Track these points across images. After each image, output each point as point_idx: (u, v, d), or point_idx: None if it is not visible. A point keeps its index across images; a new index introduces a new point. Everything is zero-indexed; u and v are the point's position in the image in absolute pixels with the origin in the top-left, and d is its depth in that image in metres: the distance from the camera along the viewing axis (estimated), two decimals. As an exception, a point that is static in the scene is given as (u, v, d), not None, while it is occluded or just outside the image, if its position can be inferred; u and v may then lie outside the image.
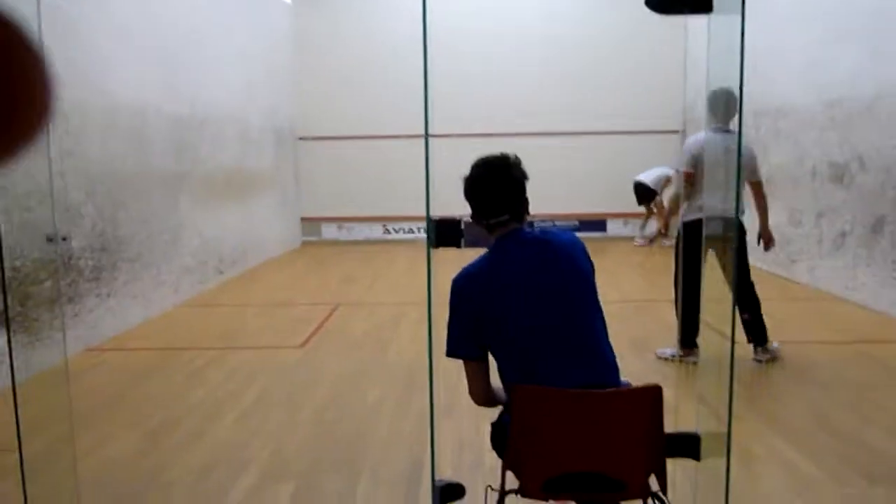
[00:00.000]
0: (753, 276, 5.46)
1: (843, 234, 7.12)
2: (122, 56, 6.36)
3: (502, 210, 2.18)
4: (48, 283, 5.00)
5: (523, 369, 2.04)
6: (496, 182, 2.20)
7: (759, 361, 5.08)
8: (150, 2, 6.97)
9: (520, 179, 2.22)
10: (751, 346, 5.09)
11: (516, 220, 2.20)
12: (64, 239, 4.93)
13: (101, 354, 5.54)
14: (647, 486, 2.05)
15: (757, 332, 5.12)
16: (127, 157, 6.35)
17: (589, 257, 2.23)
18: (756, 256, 8.91)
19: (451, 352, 2.16)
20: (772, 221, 8.81)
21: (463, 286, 2.16)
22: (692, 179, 4.97)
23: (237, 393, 4.62)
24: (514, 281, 2.09)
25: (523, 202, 2.22)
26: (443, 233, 2.47)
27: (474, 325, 2.10)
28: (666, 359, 4.99)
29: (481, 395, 2.16)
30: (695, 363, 4.69)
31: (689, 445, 2.57)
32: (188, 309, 7.22)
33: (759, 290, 6.01)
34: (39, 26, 3.14)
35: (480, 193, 2.21)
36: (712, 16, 2.46)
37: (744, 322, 5.04)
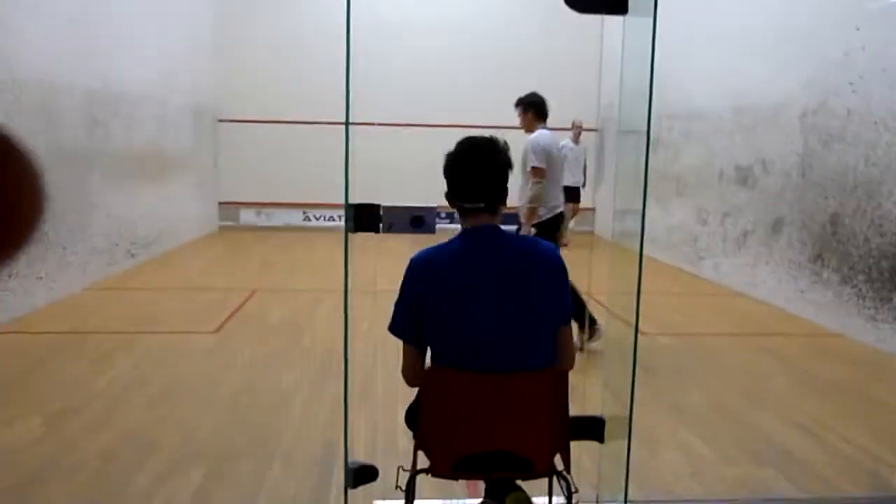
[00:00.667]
0: (663, 272, 5.69)
1: (746, 234, 7.52)
2: (30, 25, 6.05)
3: (479, 196, 2.09)
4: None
5: (452, 358, 2.05)
6: (478, 164, 2.10)
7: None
8: (62, -30, 6.65)
9: (504, 166, 2.12)
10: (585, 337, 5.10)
11: (490, 210, 2.11)
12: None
13: (1, 337, 5.29)
14: (553, 465, 2.13)
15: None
16: (34, 131, 6.05)
17: (559, 268, 2.12)
18: (668, 254, 9.32)
19: (392, 329, 2.16)
20: (681, 219, 9.22)
21: (416, 267, 2.11)
22: (543, 175, 5.13)
23: (146, 378, 4.51)
24: (468, 277, 2.04)
25: (502, 192, 2.13)
26: (361, 218, 2.49)
27: (417, 308, 2.08)
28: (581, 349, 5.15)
29: (412, 375, 2.16)
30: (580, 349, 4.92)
31: (593, 428, 2.69)
32: (97, 292, 6.95)
33: (668, 285, 6.30)
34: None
35: (460, 173, 2.12)
36: (627, 17, 2.57)
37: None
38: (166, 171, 9.50)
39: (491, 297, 2.02)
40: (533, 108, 5.36)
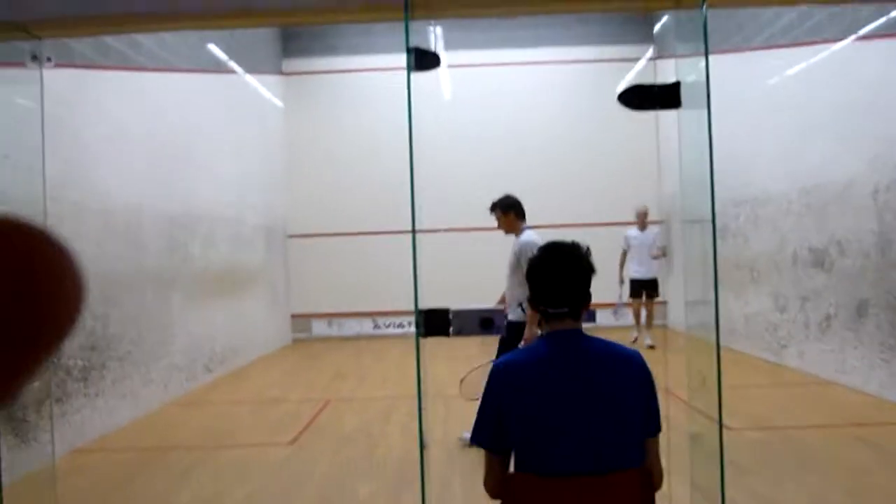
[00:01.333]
0: (744, 363, 5.50)
1: (829, 318, 7.21)
2: (118, 158, 6.55)
3: (563, 301, 2.08)
4: (37, 384, 4.96)
5: (535, 464, 1.98)
6: (562, 270, 2.10)
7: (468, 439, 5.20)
8: (146, 106, 7.24)
9: (587, 271, 2.12)
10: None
11: (573, 315, 2.09)
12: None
13: (87, 455, 5.44)
14: (643, 572, 2.02)
15: None
16: (121, 256, 6.44)
17: (645, 377, 2.05)
18: (748, 344, 8.99)
19: (475, 439, 2.11)
20: (757, 307, 8.92)
21: (500, 374, 2.07)
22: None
23: (225, 493, 4.53)
24: (553, 382, 2.01)
25: (586, 297, 2.12)
26: (432, 322, 2.54)
27: (501, 416, 2.03)
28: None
29: (494, 487, 2.10)
30: None
31: (683, 531, 2.56)
32: (176, 407, 7.12)
33: (750, 376, 6.05)
34: (42, 135, 3.29)
35: (543, 279, 2.12)
36: (681, 111, 2.63)
37: None
38: (241, 288, 9.85)
39: (576, 402, 1.97)
40: (513, 210, 5.41)
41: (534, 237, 5.26)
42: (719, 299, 2.80)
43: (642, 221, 10.12)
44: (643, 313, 10.15)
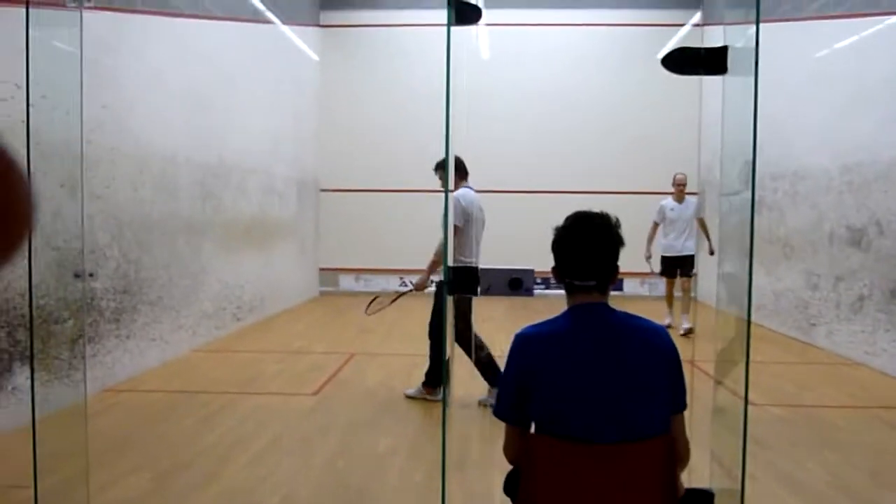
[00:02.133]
0: (771, 340, 5.45)
1: (862, 299, 7.08)
2: (154, 104, 6.58)
3: (590, 274, 2.01)
4: (70, 323, 5.08)
5: (557, 430, 1.98)
6: (591, 241, 2.01)
7: (411, 395, 5.55)
8: (183, 53, 7.24)
9: (616, 244, 2.03)
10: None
11: (600, 289, 2.02)
12: (91, 275, 5.03)
13: (117, 395, 5.59)
14: (660, 539, 2.03)
15: (490, 372, 5.30)
16: (155, 202, 6.51)
17: (671, 353, 2.00)
18: (777, 321, 8.87)
19: (497, 412, 2.09)
20: (789, 284, 8.81)
21: (522, 343, 2.03)
22: (457, 233, 5.21)
23: (249, 438, 4.63)
24: (576, 354, 1.97)
25: (614, 270, 2.04)
26: (460, 280, 2.53)
27: (522, 385, 2.01)
28: (411, 396, 5.50)
29: (514, 455, 2.11)
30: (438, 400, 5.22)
31: (703, 502, 2.55)
32: (205, 354, 7.27)
33: (777, 354, 5.99)
34: (81, 78, 3.30)
35: (570, 249, 2.04)
36: (726, 77, 2.54)
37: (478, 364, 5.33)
38: (271, 240, 9.94)
39: (600, 373, 1.95)
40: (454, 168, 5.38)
41: (461, 194, 5.31)
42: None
43: (680, 191, 8.90)
44: (676, 295, 9.01)
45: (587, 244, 2.03)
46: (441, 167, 5.51)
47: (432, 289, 5.58)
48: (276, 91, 10.22)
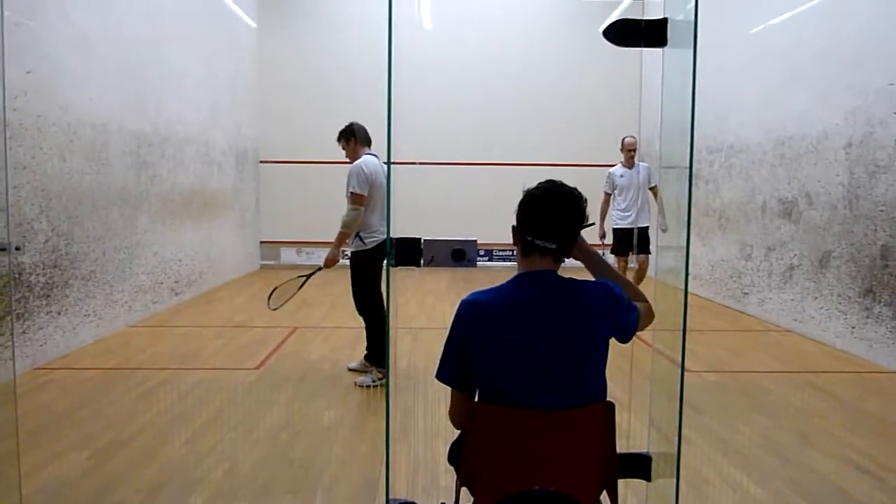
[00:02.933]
0: (707, 309, 5.60)
1: (792, 268, 7.35)
2: (83, 70, 6.30)
3: (554, 236, 2.07)
4: (-3, 299, 4.88)
5: (498, 396, 2.01)
6: (561, 207, 2.09)
7: (367, 385, 5.19)
8: (113, 15, 6.93)
9: (582, 217, 2.11)
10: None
11: (556, 256, 2.09)
12: (17, 248, 4.82)
13: (49, 373, 5.40)
14: (600, 503, 2.08)
15: (375, 351, 5.32)
16: (85, 172, 6.27)
17: (611, 299, 2.07)
18: (712, 290, 9.15)
19: (439, 375, 2.12)
20: (724, 255, 9.06)
21: (466, 312, 2.06)
22: (362, 202, 5.18)
23: (190, 414, 4.55)
24: (519, 318, 2.01)
25: (573, 241, 2.12)
26: (403, 252, 2.51)
27: (466, 350, 2.04)
28: (368, 386, 5.18)
29: (459, 419, 2.13)
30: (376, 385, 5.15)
31: (640, 466, 2.63)
32: (142, 329, 7.08)
33: (713, 322, 6.19)
34: (2, 41, 3.13)
35: (540, 210, 2.09)
36: (666, 50, 2.57)
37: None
38: (210, 212, 9.70)
39: (543, 340, 1.98)
40: (353, 136, 5.40)
41: (363, 162, 5.26)
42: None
43: (630, 156, 7.99)
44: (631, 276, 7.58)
45: (557, 206, 2.09)
46: (343, 135, 5.47)
47: (345, 262, 5.49)
48: (213, 58, 9.91)
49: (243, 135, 11.25)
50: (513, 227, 2.15)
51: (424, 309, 8.29)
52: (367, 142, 5.46)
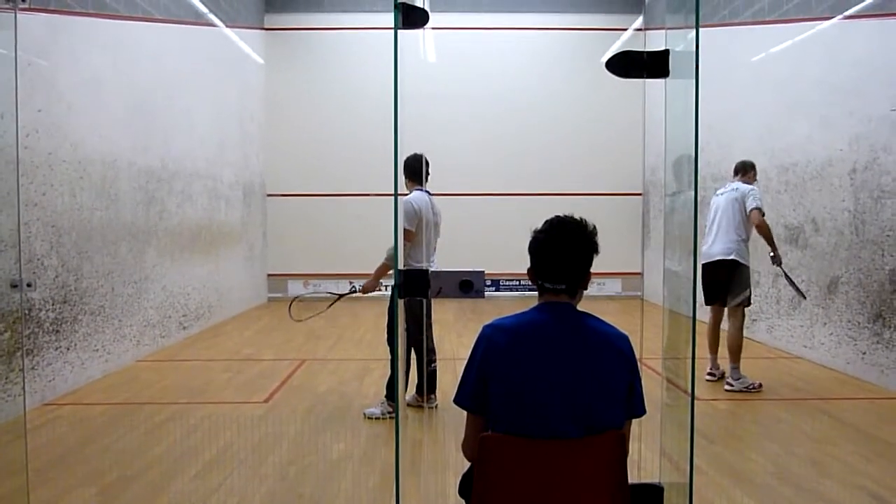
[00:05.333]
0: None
1: (800, 294, 7.32)
2: (93, 108, 6.40)
3: (561, 278, 2.11)
4: (6, 335, 4.90)
5: (511, 426, 2.00)
6: (563, 247, 2.11)
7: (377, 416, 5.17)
8: (123, 55, 7.06)
9: (590, 250, 2.13)
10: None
11: (570, 293, 2.12)
12: (29, 285, 4.86)
13: (58, 409, 5.40)
14: (611, 534, 2.06)
15: (423, 384, 5.25)
16: (95, 208, 6.33)
17: (631, 360, 2.10)
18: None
19: (457, 400, 2.14)
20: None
21: (487, 335, 2.09)
22: (411, 238, 5.16)
23: (198, 448, 4.53)
24: (539, 347, 2.03)
25: (585, 276, 2.14)
26: (411, 283, 2.52)
27: (482, 378, 2.06)
28: (377, 418, 5.13)
29: (473, 448, 2.11)
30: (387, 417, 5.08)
31: (652, 496, 2.60)
32: (150, 364, 7.09)
33: (722, 350, 6.15)
34: (16, 81, 3.19)
35: (544, 254, 2.13)
36: (668, 80, 2.61)
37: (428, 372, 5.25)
38: (217, 246, 9.76)
39: (561, 370, 2.00)
40: (405, 172, 5.32)
41: (412, 198, 5.19)
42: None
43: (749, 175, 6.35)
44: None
45: (560, 250, 2.11)
46: (405, 170, 5.42)
47: (385, 293, 5.48)
48: (221, 95, 10.05)
49: (251, 169, 11.36)
50: (528, 269, 2.20)
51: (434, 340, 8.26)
52: (417, 178, 5.33)
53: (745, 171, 6.36)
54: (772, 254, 6.10)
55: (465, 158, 12.06)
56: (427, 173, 5.40)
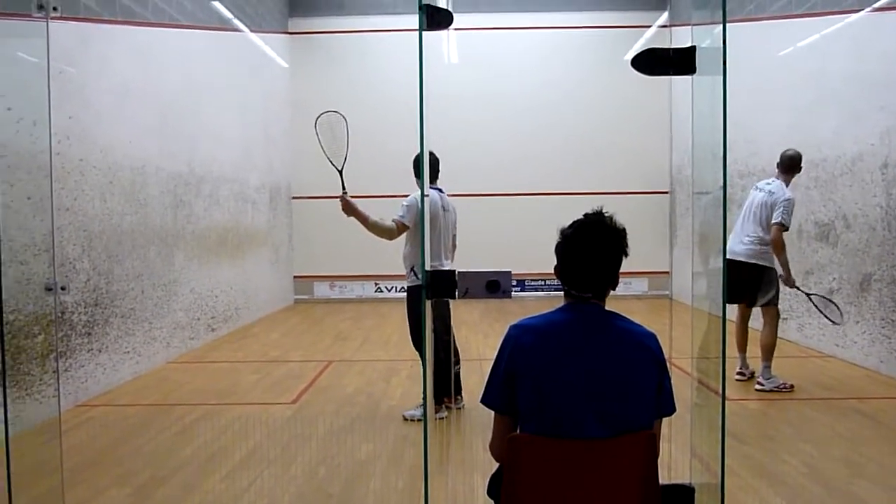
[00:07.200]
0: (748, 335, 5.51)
1: (831, 292, 7.20)
2: (122, 115, 6.50)
3: (588, 287, 2.07)
4: (41, 338, 5.00)
5: (540, 426, 2.00)
6: (591, 253, 2.06)
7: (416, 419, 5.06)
8: (150, 63, 7.16)
9: (617, 253, 2.06)
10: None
11: (598, 297, 2.09)
12: (63, 289, 4.94)
13: (90, 410, 5.50)
14: (642, 536, 2.04)
15: (443, 387, 5.14)
16: (125, 212, 6.43)
17: (660, 359, 2.06)
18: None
19: (485, 399, 2.12)
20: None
21: (515, 335, 2.07)
22: (402, 230, 5.22)
23: (228, 449, 4.58)
24: (567, 347, 2.01)
25: (613, 279, 2.08)
26: (437, 284, 2.52)
27: (510, 377, 2.04)
28: (418, 420, 5.04)
29: (501, 448, 2.08)
30: (441, 419, 5.03)
31: (683, 497, 2.58)
32: (180, 365, 7.18)
33: (752, 349, 6.07)
34: (48, 89, 3.25)
35: (571, 260, 2.09)
36: (695, 77, 2.58)
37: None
38: (244, 248, 9.86)
39: (589, 370, 1.98)
40: (414, 170, 5.34)
41: (419, 195, 5.17)
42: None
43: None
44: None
45: (586, 258, 2.07)
46: (414, 168, 5.46)
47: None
48: (246, 99, 10.15)
49: (276, 172, 11.45)
50: (555, 266, 2.16)
51: (461, 341, 8.27)
52: (432, 176, 5.31)
53: (787, 168, 6.10)
54: (782, 274, 5.93)
55: (489, 158, 12.04)
56: (437, 171, 5.36)
